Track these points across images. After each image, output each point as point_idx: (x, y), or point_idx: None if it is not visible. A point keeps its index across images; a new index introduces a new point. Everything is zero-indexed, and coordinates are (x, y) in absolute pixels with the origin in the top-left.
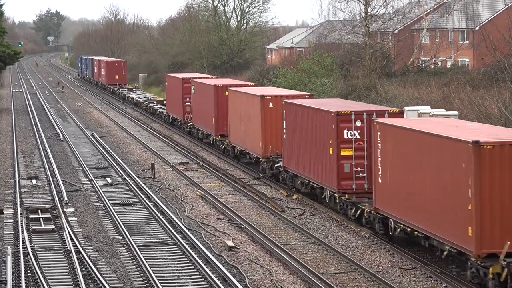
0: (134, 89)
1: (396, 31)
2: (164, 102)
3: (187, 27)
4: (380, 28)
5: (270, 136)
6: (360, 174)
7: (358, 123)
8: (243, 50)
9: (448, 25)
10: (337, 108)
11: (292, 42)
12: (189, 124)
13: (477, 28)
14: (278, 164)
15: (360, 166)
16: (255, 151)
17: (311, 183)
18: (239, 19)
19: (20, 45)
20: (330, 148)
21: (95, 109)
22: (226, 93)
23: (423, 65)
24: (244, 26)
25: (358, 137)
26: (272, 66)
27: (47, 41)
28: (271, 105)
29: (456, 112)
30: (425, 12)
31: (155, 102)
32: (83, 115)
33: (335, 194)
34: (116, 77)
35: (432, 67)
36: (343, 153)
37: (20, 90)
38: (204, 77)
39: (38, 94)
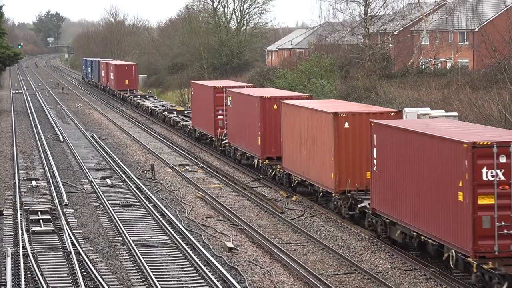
0: (147, 96)
1: (396, 32)
2: (186, 112)
3: (186, 29)
4: (380, 29)
5: (346, 166)
6: (505, 231)
7: (503, 159)
8: (243, 51)
9: (448, 26)
10: (470, 136)
11: (291, 44)
12: (223, 142)
13: (476, 29)
14: (363, 205)
15: (505, 219)
16: (324, 184)
17: (421, 236)
18: (238, 20)
19: (19, 47)
20: (460, 193)
21: (95, 110)
22: (275, 106)
23: (423, 66)
24: (244, 27)
25: (503, 178)
26: (272, 68)
27: (46, 43)
28: (347, 125)
29: (456, 114)
30: (425, 13)
31: (175, 112)
32: (83, 117)
33: (469, 259)
34: (126, 82)
35: (432, 68)
36: (481, 201)
37: (20, 91)
38: (240, 86)
39: (38, 95)
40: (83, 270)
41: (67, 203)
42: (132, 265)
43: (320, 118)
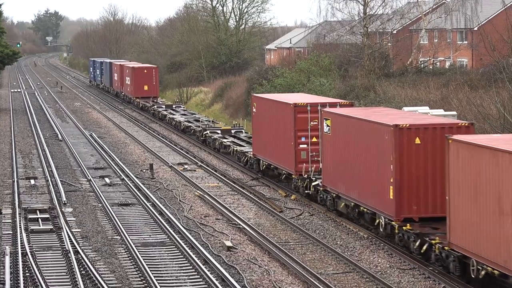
0: (174, 106)
1: (394, 32)
2: (233, 131)
3: (185, 27)
4: (378, 28)
5: None
6: None
7: None
8: (242, 50)
9: (447, 26)
10: None
11: (290, 43)
12: (313, 183)
13: (475, 29)
14: None
15: None
16: None
17: None
18: (237, 19)
19: (18, 45)
20: None
21: (94, 109)
22: (417, 140)
23: (422, 66)
24: (243, 26)
25: None
26: (271, 67)
27: (45, 41)
28: None
29: (454, 113)
30: (424, 13)
31: (219, 131)
32: (82, 115)
33: None
34: (145, 88)
35: (431, 67)
36: None
37: (19, 90)
38: (331, 102)
39: (36, 94)
40: (81, 269)
41: (65, 202)
42: (131, 264)
43: None
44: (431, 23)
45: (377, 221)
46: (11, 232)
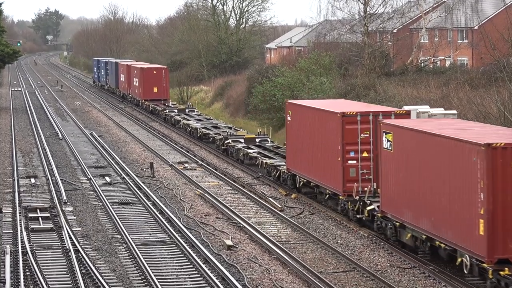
0: (187, 110)
1: (395, 30)
2: (258, 140)
3: (186, 26)
4: (379, 27)
5: None
6: None
7: None
8: (242, 49)
9: (447, 25)
10: None
11: (291, 41)
12: (368, 208)
13: (476, 28)
14: None
15: None
16: None
17: None
18: (238, 18)
19: (19, 44)
20: None
21: (94, 108)
22: None
23: (422, 65)
24: (243, 25)
25: None
26: (271, 65)
27: (46, 40)
28: None
29: (455, 112)
30: (424, 11)
31: (242, 140)
32: (82, 114)
33: None
34: (155, 90)
35: (431, 66)
36: None
37: (19, 89)
38: (385, 111)
39: (37, 93)
40: (82, 268)
41: (66, 201)
42: (131, 263)
43: None
44: (431, 22)
45: (459, 260)
46: (12, 231)
